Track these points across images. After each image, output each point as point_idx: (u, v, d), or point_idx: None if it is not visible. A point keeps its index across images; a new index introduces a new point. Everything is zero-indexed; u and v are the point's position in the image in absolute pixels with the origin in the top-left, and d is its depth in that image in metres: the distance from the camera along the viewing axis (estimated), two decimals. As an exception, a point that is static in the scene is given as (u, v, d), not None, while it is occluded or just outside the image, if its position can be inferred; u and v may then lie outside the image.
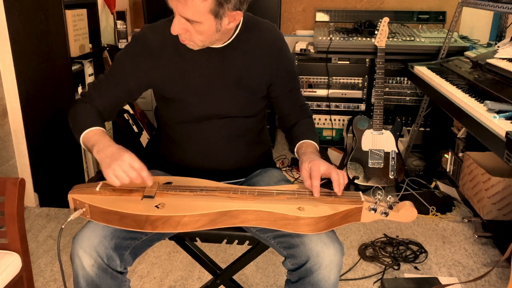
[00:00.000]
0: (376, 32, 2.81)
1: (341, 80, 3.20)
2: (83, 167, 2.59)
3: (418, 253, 2.20)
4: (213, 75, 1.34)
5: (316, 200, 1.17)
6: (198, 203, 1.15)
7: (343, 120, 3.28)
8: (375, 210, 1.15)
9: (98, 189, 1.19)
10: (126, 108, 3.09)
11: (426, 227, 2.45)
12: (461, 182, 2.54)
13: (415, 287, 1.90)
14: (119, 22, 3.18)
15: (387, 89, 3.15)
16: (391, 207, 1.15)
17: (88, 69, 2.68)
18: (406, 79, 3.14)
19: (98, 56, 2.77)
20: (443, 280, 1.98)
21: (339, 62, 3.17)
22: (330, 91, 3.22)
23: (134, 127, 3.08)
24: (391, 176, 2.74)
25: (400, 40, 3.09)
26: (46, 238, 2.33)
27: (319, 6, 3.67)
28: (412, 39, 3.10)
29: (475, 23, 3.33)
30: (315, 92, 3.22)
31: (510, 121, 1.66)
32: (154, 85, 1.38)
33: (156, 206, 1.13)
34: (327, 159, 3.14)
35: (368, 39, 3.12)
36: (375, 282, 2.00)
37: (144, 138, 3.13)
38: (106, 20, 3.23)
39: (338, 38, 3.14)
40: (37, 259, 2.14)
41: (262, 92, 1.41)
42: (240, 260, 1.48)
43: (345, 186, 1.19)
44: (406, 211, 1.16)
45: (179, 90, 1.35)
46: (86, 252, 1.15)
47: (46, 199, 2.64)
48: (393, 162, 2.74)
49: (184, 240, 1.47)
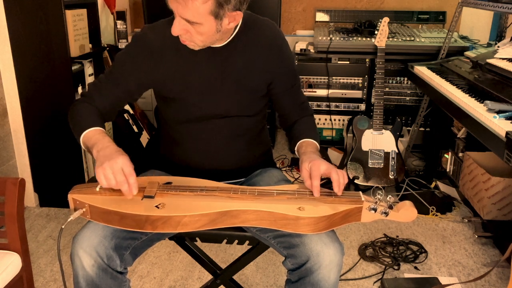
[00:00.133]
0: (376, 32, 2.81)
1: (341, 80, 3.20)
2: (83, 167, 2.59)
3: (418, 253, 2.20)
4: (213, 75, 1.34)
5: (316, 200, 1.17)
6: (198, 203, 1.15)
7: (343, 120, 3.28)
8: (375, 210, 1.15)
9: (98, 189, 1.19)
10: (126, 108, 3.09)
11: (426, 227, 2.45)
12: (461, 182, 2.54)
13: (415, 287, 1.90)
14: (119, 22, 3.18)
15: (387, 89, 3.15)
16: (391, 207, 1.15)
17: (88, 69, 2.67)
18: (406, 79, 3.14)
19: (98, 56, 2.77)
20: (443, 280, 1.98)
21: (339, 62, 3.17)
22: (330, 91, 3.22)
23: (134, 127, 3.08)
24: (391, 176, 2.74)
25: (400, 40, 3.09)
26: (46, 238, 2.33)
27: (319, 6, 3.67)
28: (412, 39, 3.10)
29: (475, 23, 3.33)
30: (315, 92, 3.23)
31: (510, 121, 1.66)
32: (154, 85, 1.38)
33: (156, 206, 1.13)
34: (327, 159, 3.13)
35: (368, 39, 3.12)
36: (375, 282, 2.00)
37: (144, 138, 3.13)
38: (106, 20, 3.23)
39: (338, 38, 3.14)
40: (37, 259, 2.14)
41: (262, 90, 1.41)
42: (240, 260, 1.48)
43: (345, 186, 1.19)
44: (406, 211, 1.16)
45: (180, 90, 1.35)
46: (86, 252, 1.15)
47: (46, 199, 2.64)
48: (393, 162, 2.74)
49: (184, 240, 1.47)
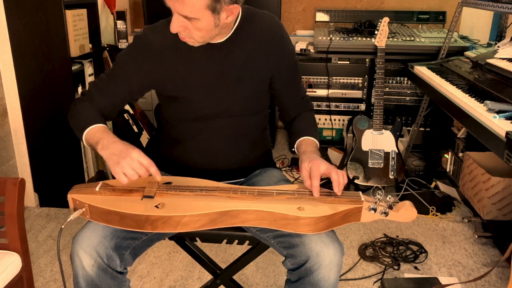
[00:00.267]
0: (376, 32, 2.81)
1: (341, 80, 3.20)
2: (83, 167, 2.59)
3: (418, 253, 2.20)
4: (215, 72, 1.34)
5: (316, 200, 1.17)
6: (198, 203, 1.15)
7: (343, 120, 3.28)
8: (375, 210, 1.15)
9: (97, 189, 1.19)
10: (126, 108, 3.09)
11: (426, 227, 2.44)
12: (461, 182, 2.54)
13: (415, 287, 1.90)
14: (119, 22, 3.18)
15: (387, 89, 3.15)
16: (391, 207, 1.15)
17: (88, 69, 2.68)
18: (406, 79, 3.14)
19: (98, 56, 2.77)
20: (443, 280, 1.98)
21: (339, 62, 3.17)
22: (330, 91, 3.22)
23: (134, 127, 3.08)
24: (391, 176, 2.74)
25: (400, 40, 3.09)
26: (46, 238, 2.33)
27: (319, 6, 3.67)
28: (412, 39, 3.10)
29: (475, 23, 3.33)
30: (315, 92, 3.22)
31: (510, 121, 1.66)
32: (156, 85, 1.38)
33: (156, 206, 1.13)
34: (327, 159, 3.14)
35: (368, 39, 3.11)
36: (375, 282, 2.00)
37: (144, 138, 3.13)
38: (106, 20, 3.23)
39: (338, 38, 3.14)
40: (37, 259, 2.14)
41: (265, 85, 1.40)
42: (240, 260, 1.48)
43: (345, 186, 1.19)
44: (406, 211, 1.16)
45: (181, 88, 1.35)
46: (86, 252, 1.15)
47: (46, 199, 2.64)
48: (393, 162, 2.74)
49: (184, 240, 1.47)
